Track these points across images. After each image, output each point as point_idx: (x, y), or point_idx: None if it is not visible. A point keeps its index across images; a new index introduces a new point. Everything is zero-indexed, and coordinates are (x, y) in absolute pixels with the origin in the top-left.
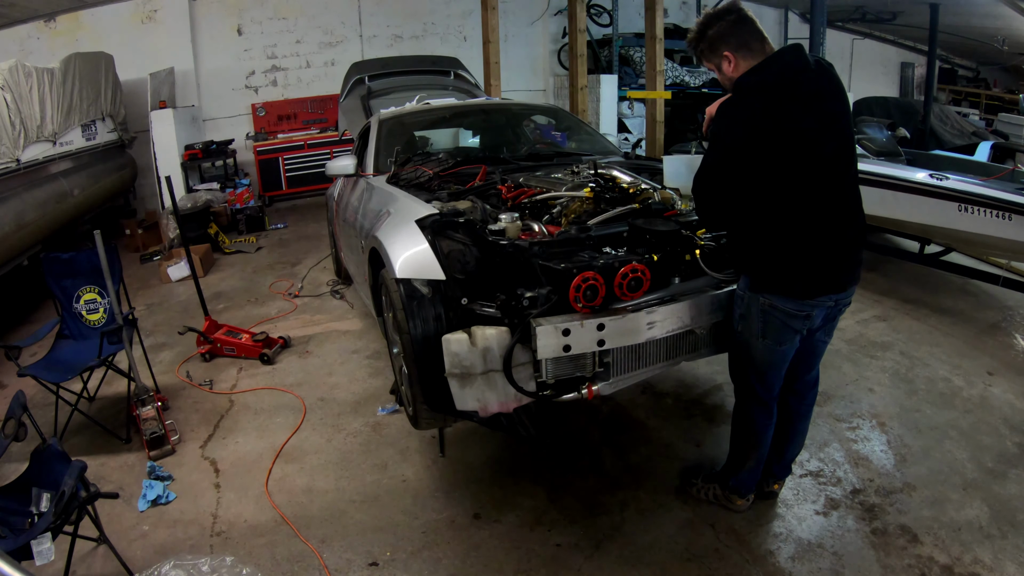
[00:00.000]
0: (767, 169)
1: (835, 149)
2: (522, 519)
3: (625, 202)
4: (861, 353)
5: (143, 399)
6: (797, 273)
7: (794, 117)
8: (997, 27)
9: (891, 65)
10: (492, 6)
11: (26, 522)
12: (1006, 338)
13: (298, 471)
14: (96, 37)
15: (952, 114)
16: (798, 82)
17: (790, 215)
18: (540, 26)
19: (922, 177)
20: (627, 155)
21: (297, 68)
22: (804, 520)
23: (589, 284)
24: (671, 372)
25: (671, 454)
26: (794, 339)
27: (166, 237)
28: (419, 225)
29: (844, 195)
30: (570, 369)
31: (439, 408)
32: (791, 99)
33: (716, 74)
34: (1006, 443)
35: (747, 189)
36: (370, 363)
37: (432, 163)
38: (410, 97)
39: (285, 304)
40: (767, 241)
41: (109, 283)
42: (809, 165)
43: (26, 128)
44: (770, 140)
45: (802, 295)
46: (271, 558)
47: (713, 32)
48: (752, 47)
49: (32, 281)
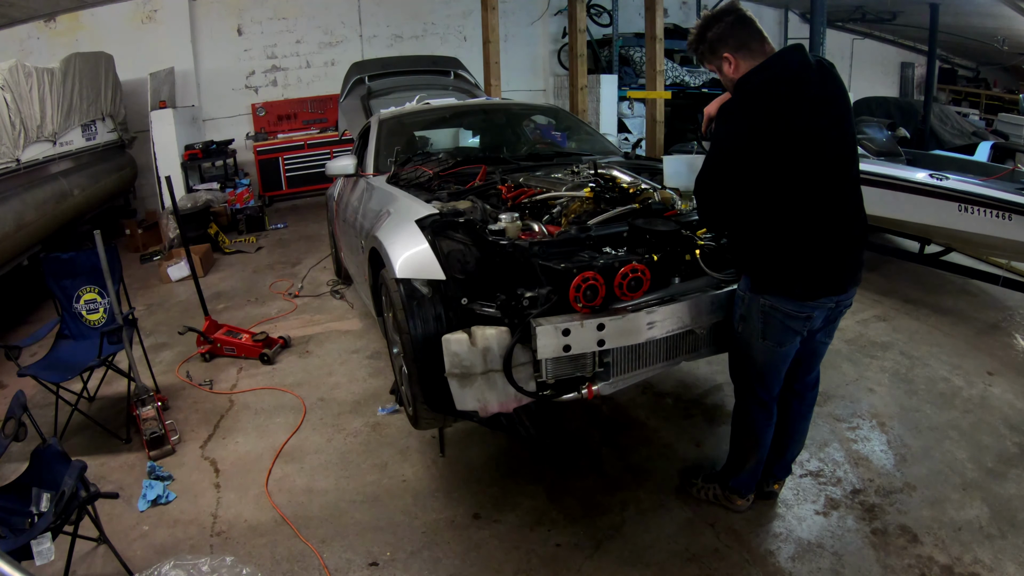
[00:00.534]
0: (768, 170)
1: (836, 150)
2: (522, 519)
3: (625, 202)
4: (861, 353)
5: (143, 399)
6: (798, 274)
7: (795, 118)
8: (997, 27)
9: (891, 65)
10: (492, 6)
11: (26, 522)
12: (1006, 338)
13: (298, 471)
14: (96, 37)
15: (952, 114)
16: (799, 83)
17: (791, 216)
18: (540, 26)
19: (922, 177)
20: (627, 155)
21: (297, 68)
22: (804, 520)
23: (589, 284)
24: (671, 372)
25: (671, 454)
26: (794, 340)
27: (166, 237)
28: (419, 225)
29: (845, 196)
30: (570, 369)
31: (439, 408)
32: (792, 100)
33: (717, 75)
34: (1006, 443)
35: (748, 190)
36: (370, 363)
37: (432, 163)
38: (410, 97)
39: (285, 304)
40: (768, 242)
41: (109, 283)
42: (810, 166)
43: (26, 128)
44: (771, 141)
45: (803, 296)
46: (271, 558)
47: (712, 34)
48: (752, 48)
49: (32, 281)
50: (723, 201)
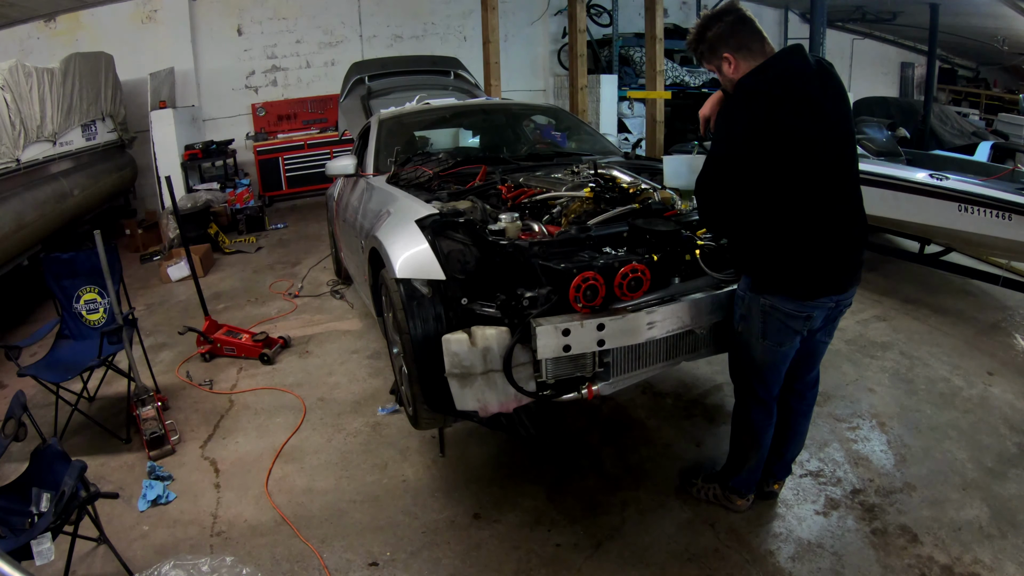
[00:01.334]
0: (769, 171)
1: (836, 150)
2: (522, 519)
3: (625, 202)
4: (861, 353)
5: (143, 399)
6: (798, 274)
7: (795, 119)
8: (997, 27)
9: (891, 65)
10: (492, 6)
11: (26, 522)
12: (1006, 338)
13: (298, 471)
14: (96, 37)
15: (952, 114)
16: (799, 84)
17: (791, 216)
18: (540, 26)
19: (922, 177)
20: (627, 155)
21: (297, 68)
22: (804, 520)
23: (589, 284)
24: (671, 372)
25: (671, 454)
26: (794, 340)
27: (166, 237)
28: (419, 225)
29: (845, 196)
30: (570, 369)
31: (439, 408)
32: (792, 101)
33: (717, 75)
34: (1006, 443)
35: (749, 191)
36: (370, 363)
37: (432, 163)
38: (410, 97)
39: (285, 304)
40: (769, 242)
41: (109, 283)
42: (810, 167)
43: (26, 128)
44: (772, 142)
45: (803, 296)
46: (271, 558)
47: (712, 34)
48: (752, 48)
49: (32, 281)
50: (724, 202)
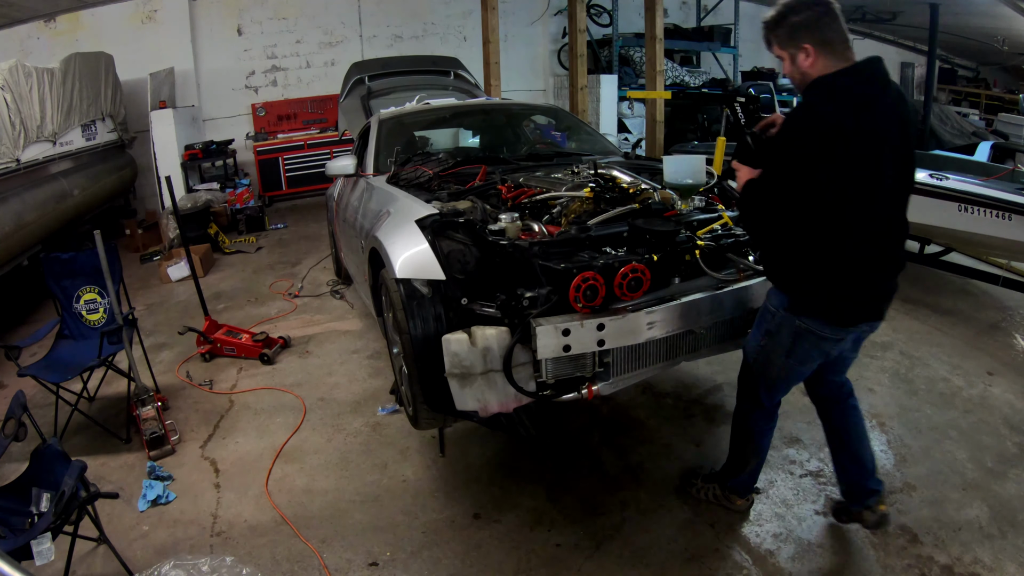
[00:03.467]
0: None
1: (896, 177)
2: (522, 519)
3: (625, 202)
4: (861, 353)
5: (143, 399)
6: (841, 300)
7: (864, 137)
8: (997, 27)
9: (891, 65)
10: (492, 6)
11: (26, 522)
12: (1006, 338)
13: (298, 471)
14: (96, 37)
15: (952, 114)
16: (876, 102)
17: (843, 241)
18: (540, 26)
19: (922, 177)
20: (627, 155)
21: (297, 68)
22: (804, 520)
23: (589, 284)
24: (671, 372)
25: (671, 454)
26: (818, 360)
27: (166, 237)
28: (419, 225)
29: (896, 225)
30: (570, 369)
31: (439, 408)
32: (864, 118)
33: (784, 65)
34: (1006, 443)
35: (804, 205)
36: (370, 363)
37: (432, 163)
38: (410, 97)
39: (285, 304)
40: (815, 264)
41: (109, 283)
42: (868, 191)
43: (26, 128)
44: (837, 154)
45: (842, 323)
46: (271, 558)
47: (798, 19)
48: (835, 47)
49: (32, 281)
50: (775, 213)
